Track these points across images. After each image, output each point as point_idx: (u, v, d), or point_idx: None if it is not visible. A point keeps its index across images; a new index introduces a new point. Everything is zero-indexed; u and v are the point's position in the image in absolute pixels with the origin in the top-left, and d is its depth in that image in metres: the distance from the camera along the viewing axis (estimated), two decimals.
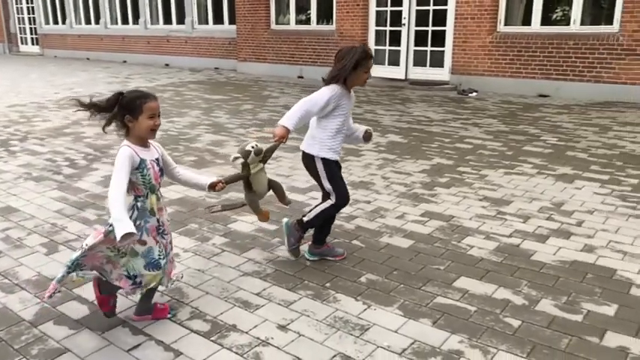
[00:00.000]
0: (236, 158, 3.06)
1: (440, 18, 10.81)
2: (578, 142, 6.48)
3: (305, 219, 3.41)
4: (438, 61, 11.02)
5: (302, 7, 13.30)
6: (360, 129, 3.52)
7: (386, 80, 11.71)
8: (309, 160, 3.33)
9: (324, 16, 12.89)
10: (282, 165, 5.74)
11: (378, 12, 11.81)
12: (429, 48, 11.12)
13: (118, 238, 2.35)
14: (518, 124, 7.54)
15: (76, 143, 6.80)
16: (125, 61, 18.23)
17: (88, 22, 19.97)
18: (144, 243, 2.64)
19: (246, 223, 4.18)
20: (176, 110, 9.06)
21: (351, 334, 2.72)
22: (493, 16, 9.93)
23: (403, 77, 11.55)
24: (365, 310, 2.94)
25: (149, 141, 2.68)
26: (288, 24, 13.57)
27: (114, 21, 18.91)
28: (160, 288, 2.91)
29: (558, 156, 5.90)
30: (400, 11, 11.30)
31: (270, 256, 3.61)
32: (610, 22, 8.86)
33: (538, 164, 5.63)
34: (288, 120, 3.04)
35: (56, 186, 5.09)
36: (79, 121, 8.09)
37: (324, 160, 3.27)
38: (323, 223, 3.46)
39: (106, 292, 2.77)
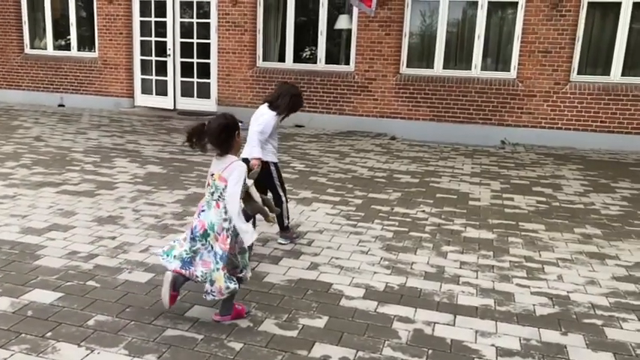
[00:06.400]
0: None
1: (204, 51, 11.11)
2: (320, 168, 7.22)
3: (286, 223, 4.51)
4: (204, 92, 11.26)
5: (60, 32, 12.42)
6: None
7: (154, 110, 11.53)
8: (265, 167, 4.28)
9: (86, 42, 12.22)
10: (20, 204, 5.23)
11: (142, 41, 11.61)
12: (195, 79, 11.31)
13: (248, 244, 3.18)
14: None
15: None
16: None
17: None
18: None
19: None
20: None
21: None
22: (252, 52, 10.57)
23: (172, 107, 11.52)
24: (87, 355, 2.85)
25: None
26: (46, 49, 12.53)
27: None
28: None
29: (302, 181, 6.50)
30: (165, 42, 11.30)
31: None
32: (348, 62, 10.15)
33: None
34: (256, 150, 4.19)
35: None
36: None
37: (275, 164, 4.42)
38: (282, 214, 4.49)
39: (177, 289, 3.18)
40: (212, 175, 3.13)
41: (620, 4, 8.72)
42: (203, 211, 3.14)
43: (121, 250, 4.24)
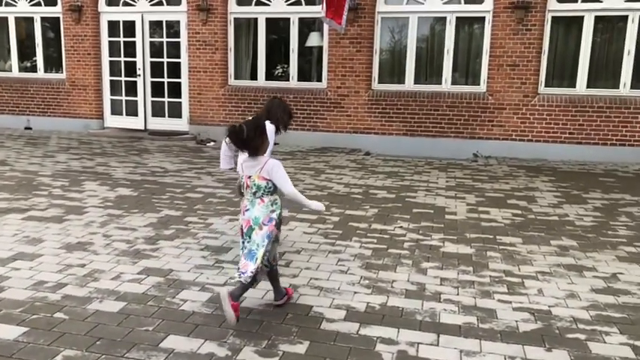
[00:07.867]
0: None
1: (175, 70, 11.00)
2: (296, 186, 7.00)
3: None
4: (176, 112, 11.14)
5: (26, 54, 12.16)
6: None
7: (125, 131, 11.33)
8: None
9: (53, 64, 11.99)
10: None
11: (111, 62, 11.44)
12: (166, 99, 11.17)
13: (322, 208, 3.66)
14: None
15: None
16: None
17: None
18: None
19: None
20: None
21: None
22: (224, 70, 10.51)
23: (142, 127, 11.34)
24: None
25: None
26: (10, 71, 12.25)
27: None
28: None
29: None
30: (134, 62, 11.15)
31: None
32: (320, 79, 10.18)
33: None
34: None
35: None
36: None
37: None
38: None
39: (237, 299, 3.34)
40: (249, 177, 3.39)
41: (582, 17, 8.95)
42: (247, 210, 3.43)
43: (91, 278, 4.07)
